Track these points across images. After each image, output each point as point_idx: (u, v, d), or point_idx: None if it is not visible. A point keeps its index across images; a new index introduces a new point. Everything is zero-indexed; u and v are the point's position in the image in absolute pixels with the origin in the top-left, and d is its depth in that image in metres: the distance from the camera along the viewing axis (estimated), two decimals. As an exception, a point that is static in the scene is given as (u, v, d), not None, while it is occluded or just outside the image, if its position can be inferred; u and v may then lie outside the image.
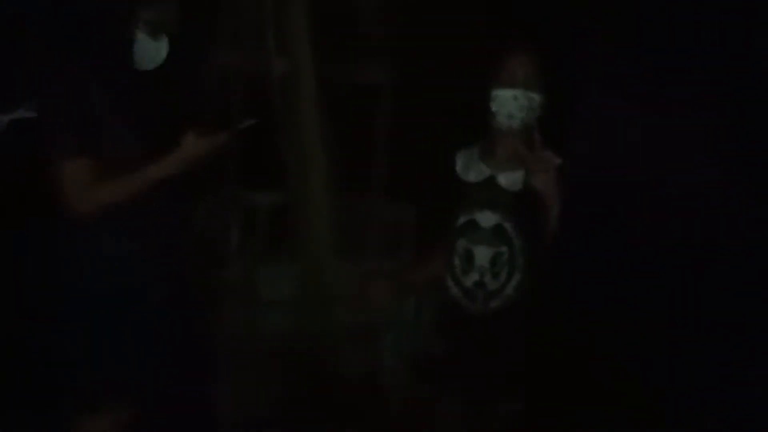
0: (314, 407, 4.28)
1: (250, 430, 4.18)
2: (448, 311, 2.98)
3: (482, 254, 2.89)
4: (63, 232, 2.62)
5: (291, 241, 4.46)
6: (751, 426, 3.09)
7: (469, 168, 2.99)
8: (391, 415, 4.23)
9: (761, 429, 3.10)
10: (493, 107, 2.88)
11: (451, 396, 2.98)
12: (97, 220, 2.57)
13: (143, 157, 2.56)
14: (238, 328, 4.33)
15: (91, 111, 2.51)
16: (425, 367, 3.14)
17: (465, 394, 2.95)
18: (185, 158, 2.60)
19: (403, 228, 4.48)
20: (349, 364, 4.38)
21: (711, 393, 3.06)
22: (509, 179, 2.92)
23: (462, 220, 2.94)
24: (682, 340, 3.12)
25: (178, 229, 2.78)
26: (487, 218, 2.91)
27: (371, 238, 4.61)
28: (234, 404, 4.28)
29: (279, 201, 4.55)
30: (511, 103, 2.85)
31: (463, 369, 2.94)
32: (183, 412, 3.92)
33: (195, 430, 3.97)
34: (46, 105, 2.58)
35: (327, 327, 4.33)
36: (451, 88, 4.13)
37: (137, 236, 2.64)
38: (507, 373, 2.90)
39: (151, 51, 2.61)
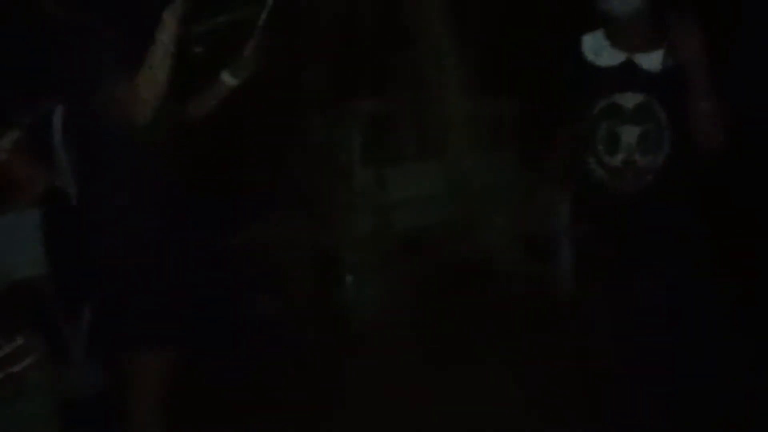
0: (445, 299, 4.45)
1: (383, 326, 4.35)
2: (592, 194, 3.03)
3: (629, 133, 2.92)
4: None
5: (422, 142, 4.61)
6: None
7: (601, 53, 2.99)
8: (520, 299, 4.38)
9: None
10: None
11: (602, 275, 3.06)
12: None
13: None
14: (370, 228, 4.50)
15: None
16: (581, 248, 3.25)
17: (617, 272, 3.01)
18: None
19: (522, 122, 4.58)
20: (480, 252, 4.54)
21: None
22: (648, 60, 2.92)
23: (602, 104, 2.95)
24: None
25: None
26: (628, 99, 2.92)
27: (497, 133, 4.72)
28: (366, 301, 4.48)
29: (390, 108, 4.70)
30: None
31: (616, 246, 2.99)
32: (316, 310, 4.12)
33: (330, 326, 4.18)
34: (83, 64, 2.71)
35: (463, 218, 4.50)
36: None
37: None
38: (664, 245, 2.95)
39: None
